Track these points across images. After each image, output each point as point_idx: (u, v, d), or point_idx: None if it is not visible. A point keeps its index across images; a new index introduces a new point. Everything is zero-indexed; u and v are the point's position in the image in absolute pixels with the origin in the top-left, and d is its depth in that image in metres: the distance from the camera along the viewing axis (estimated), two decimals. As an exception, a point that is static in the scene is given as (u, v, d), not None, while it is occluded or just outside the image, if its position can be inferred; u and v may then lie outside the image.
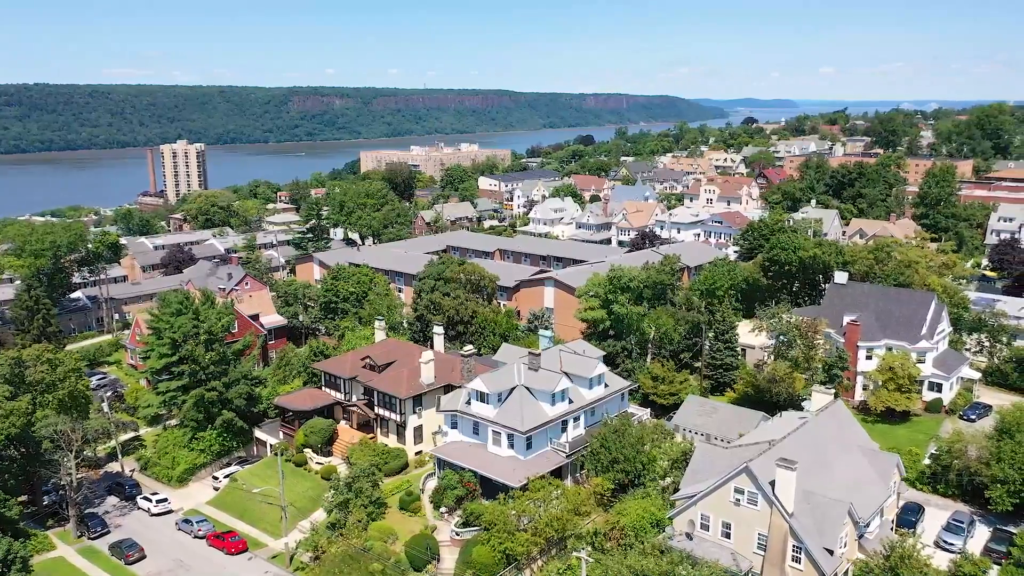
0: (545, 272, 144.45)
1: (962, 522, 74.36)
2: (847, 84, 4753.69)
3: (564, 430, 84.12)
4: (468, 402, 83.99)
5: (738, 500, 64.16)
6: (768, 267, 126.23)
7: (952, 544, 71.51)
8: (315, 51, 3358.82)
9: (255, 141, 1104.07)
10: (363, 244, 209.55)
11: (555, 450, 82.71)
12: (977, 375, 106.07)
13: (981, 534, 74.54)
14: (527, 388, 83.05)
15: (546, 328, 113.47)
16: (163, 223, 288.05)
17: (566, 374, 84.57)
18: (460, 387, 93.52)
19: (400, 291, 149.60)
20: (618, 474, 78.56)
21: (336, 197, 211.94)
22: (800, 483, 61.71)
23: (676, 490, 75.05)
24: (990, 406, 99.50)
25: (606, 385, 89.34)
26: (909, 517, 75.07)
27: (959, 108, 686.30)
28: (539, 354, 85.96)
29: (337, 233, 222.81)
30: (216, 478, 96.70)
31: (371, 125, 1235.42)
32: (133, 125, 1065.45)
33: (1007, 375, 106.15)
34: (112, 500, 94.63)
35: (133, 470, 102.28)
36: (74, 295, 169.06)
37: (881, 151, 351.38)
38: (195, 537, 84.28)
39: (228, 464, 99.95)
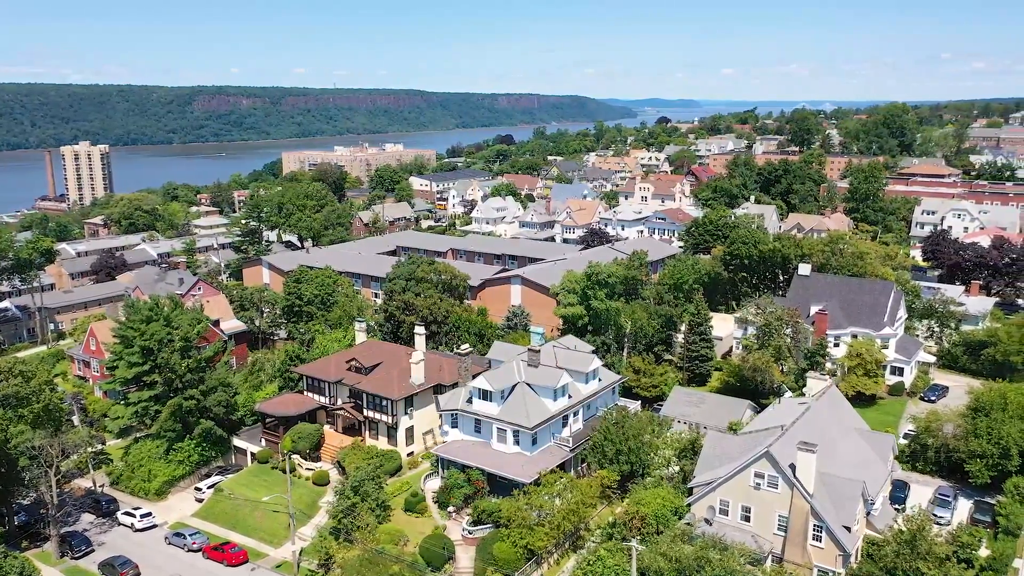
0: (506, 270, 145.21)
1: (948, 496, 79.07)
2: (747, 85, 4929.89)
3: (565, 425, 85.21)
4: (469, 400, 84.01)
5: (758, 484, 66.53)
6: (729, 261, 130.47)
7: (942, 517, 75.81)
8: (217, 50, 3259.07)
9: (158, 142, 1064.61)
10: (303, 246, 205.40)
11: (558, 445, 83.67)
12: (932, 359, 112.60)
13: (962, 506, 79.46)
14: (528, 385, 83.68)
15: (525, 326, 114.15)
16: (78, 228, 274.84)
17: (564, 370, 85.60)
18: (448, 387, 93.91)
19: (358, 292, 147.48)
20: (623, 466, 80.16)
21: (274, 198, 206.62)
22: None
23: (685, 479, 77.26)
24: (947, 387, 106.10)
25: (600, 380, 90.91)
26: (898, 493, 79.37)
27: (853, 108, 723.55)
28: (538, 351, 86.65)
29: (270, 236, 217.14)
30: (199, 489, 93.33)
31: (280, 125, 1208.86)
32: (24, 126, 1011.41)
33: (957, 358, 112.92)
34: (88, 517, 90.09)
35: (102, 485, 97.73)
36: (0, 305, 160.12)
37: (796, 149, 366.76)
38: (189, 551, 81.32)
39: (208, 474, 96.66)
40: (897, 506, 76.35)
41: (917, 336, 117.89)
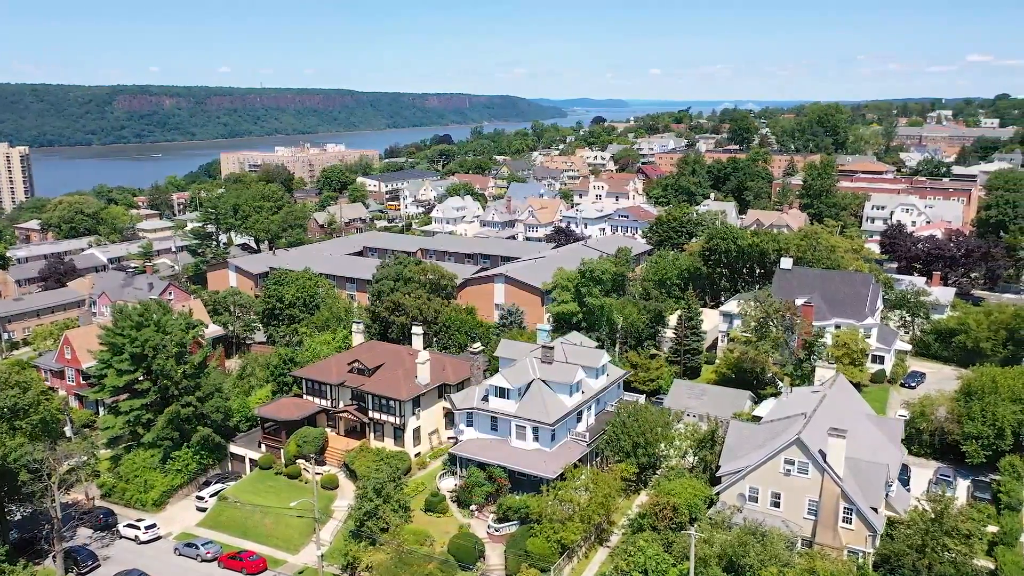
0: (484, 269, 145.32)
1: (949, 476, 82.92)
2: (674, 85, 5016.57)
3: (580, 420, 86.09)
4: (485, 398, 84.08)
5: (788, 470, 68.64)
6: (708, 256, 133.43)
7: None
8: (136, 48, 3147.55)
9: (77, 143, 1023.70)
10: (259, 248, 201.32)
11: (575, 440, 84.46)
12: (908, 347, 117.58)
13: (960, 486, 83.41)
14: (544, 381, 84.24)
15: (519, 324, 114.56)
16: (8, 234, 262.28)
17: (577, 365, 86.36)
18: (453, 386, 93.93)
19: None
20: (640, 458, 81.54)
21: (229, 200, 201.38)
22: (839, 450, 66.83)
23: (705, 468, 79.11)
24: (924, 374, 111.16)
25: (608, 375, 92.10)
26: (902, 475, 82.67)
27: (778, 107, 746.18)
28: (552, 347, 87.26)
29: (223, 238, 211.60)
30: (201, 498, 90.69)
31: (206, 126, 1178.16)
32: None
33: (929, 346, 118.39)
34: (85, 531, 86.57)
35: (93, 497, 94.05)
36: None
37: (736, 147, 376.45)
38: (203, 561, 79.14)
39: (207, 482, 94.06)
40: (907, 488, 79.58)
41: (888, 325, 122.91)
